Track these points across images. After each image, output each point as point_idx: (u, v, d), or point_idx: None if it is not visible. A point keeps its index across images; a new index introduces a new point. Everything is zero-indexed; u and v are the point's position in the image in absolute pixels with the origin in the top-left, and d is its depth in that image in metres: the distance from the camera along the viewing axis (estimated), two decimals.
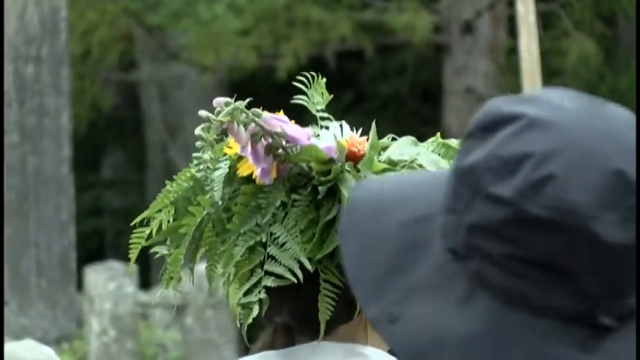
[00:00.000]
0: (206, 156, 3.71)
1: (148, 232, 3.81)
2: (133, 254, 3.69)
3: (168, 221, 3.82)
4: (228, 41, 21.04)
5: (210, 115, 3.59)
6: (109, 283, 14.91)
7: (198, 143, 3.69)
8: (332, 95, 3.93)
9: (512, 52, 13.76)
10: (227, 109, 3.61)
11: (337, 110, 4.20)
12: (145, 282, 8.26)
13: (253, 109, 3.65)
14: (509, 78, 16.31)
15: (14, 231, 16.51)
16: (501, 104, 1.95)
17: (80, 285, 16.30)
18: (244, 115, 3.61)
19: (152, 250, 3.78)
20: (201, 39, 21.99)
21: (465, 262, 1.80)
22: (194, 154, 3.73)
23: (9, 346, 7.64)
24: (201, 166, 3.70)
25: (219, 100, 3.65)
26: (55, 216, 17.29)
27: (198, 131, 3.63)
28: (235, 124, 3.62)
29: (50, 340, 10.82)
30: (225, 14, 22.36)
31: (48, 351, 7.08)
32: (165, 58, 22.56)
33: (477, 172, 1.85)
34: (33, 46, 16.40)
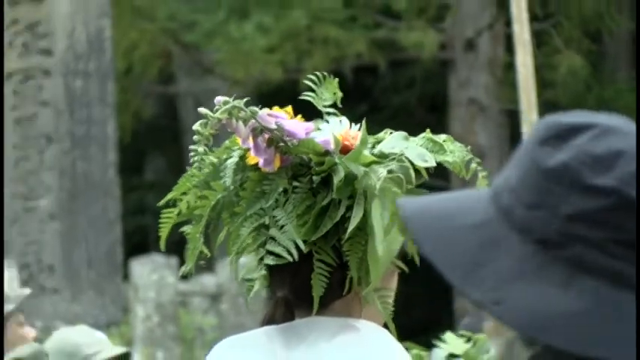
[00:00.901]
0: (201, 149, 3.78)
1: (176, 212, 3.97)
2: (163, 231, 3.92)
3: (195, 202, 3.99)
4: (256, 58, 21.22)
5: (207, 112, 3.74)
6: (152, 274, 15.01)
7: (195, 137, 3.75)
8: (343, 96, 4.04)
9: (510, 66, 13.79)
10: (224, 107, 3.74)
11: (353, 119, 4.07)
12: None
13: (250, 107, 3.78)
14: (507, 90, 16.40)
15: (67, 228, 16.53)
16: (564, 118, 1.99)
17: (126, 276, 16.46)
18: (243, 112, 3.72)
19: (180, 230, 3.97)
20: (232, 56, 21.92)
21: (561, 250, 1.82)
22: (190, 147, 3.81)
23: (65, 331, 8.74)
24: (196, 157, 3.77)
25: (219, 99, 3.78)
26: (103, 215, 17.29)
27: (195, 127, 3.74)
28: (234, 120, 3.73)
29: (100, 325, 10.72)
30: (254, 33, 22.49)
31: (100, 335, 8.27)
32: (200, 73, 22.63)
33: (571, 169, 1.89)
34: (81, 62, 16.37)
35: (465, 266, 1.97)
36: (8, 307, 8.62)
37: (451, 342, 7.14)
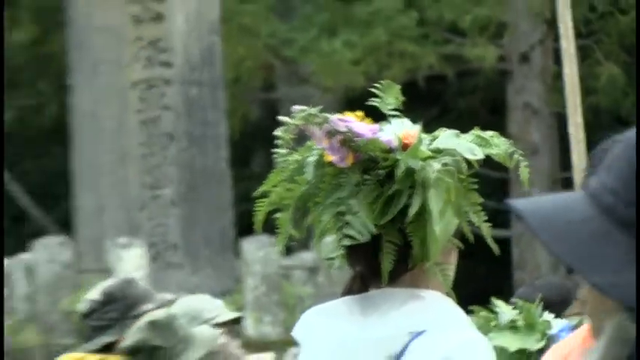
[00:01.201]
0: (283, 151, 4.01)
1: (268, 201, 4.13)
2: (258, 217, 4.06)
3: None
4: (343, 69, 21.53)
5: (286, 119, 3.88)
6: (259, 251, 15.46)
7: (278, 141, 4.03)
8: (417, 100, 4.37)
9: (558, 76, 13.76)
10: (301, 114, 3.89)
11: (425, 121, 4.23)
12: (287, 250, 8.82)
13: (324, 114, 3.94)
14: (556, 95, 16.45)
15: (187, 213, 16.81)
16: None
17: (237, 253, 16.66)
18: (317, 118, 3.85)
19: (274, 216, 4.13)
20: (324, 67, 22.35)
21: None
22: (274, 150, 4.08)
23: (189, 298, 8.52)
24: (280, 159, 3.99)
25: (295, 108, 3.93)
26: (217, 202, 17.63)
27: (277, 132, 3.95)
28: (310, 125, 3.87)
29: (215, 294, 10.64)
30: (341, 49, 22.85)
31: (217, 302, 8.23)
32: (297, 82, 23.12)
33: None
34: (196, 73, 16.76)
35: (580, 254, 1.99)
36: (150, 305, 8.35)
37: (501, 308, 6.60)
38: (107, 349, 7.71)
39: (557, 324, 6.25)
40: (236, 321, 8.81)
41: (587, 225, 1.89)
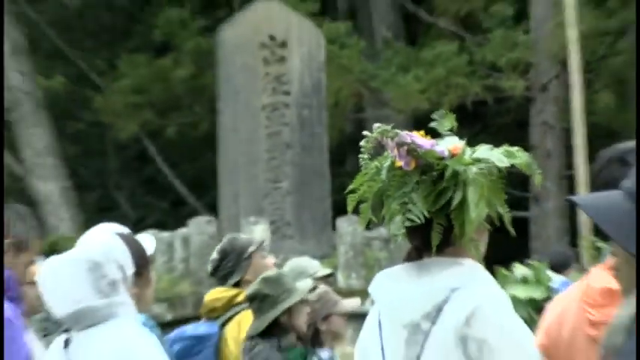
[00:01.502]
0: (365, 156, 4.47)
1: (357, 195, 4.55)
2: (350, 205, 4.52)
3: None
4: (413, 96, 21.90)
5: (368, 134, 4.38)
6: (349, 227, 16.39)
7: (362, 149, 4.50)
8: (465, 119, 4.32)
9: (568, 101, 15.15)
10: (378, 130, 4.36)
11: (471, 135, 4.94)
12: (368, 226, 9.29)
13: (394, 130, 4.40)
14: (566, 115, 16.88)
15: (298, 200, 17.97)
16: None
17: (334, 228, 17.48)
18: (390, 133, 4.33)
19: (360, 205, 4.60)
20: (399, 95, 23.15)
21: None
22: (359, 156, 4.54)
23: (296, 259, 9.43)
24: (363, 163, 4.49)
25: (375, 125, 4.38)
26: (320, 192, 18.59)
27: (362, 143, 4.43)
28: (384, 138, 4.37)
29: (317, 258, 11.33)
30: (412, 81, 23.90)
31: (316, 262, 9.33)
32: (380, 106, 23.24)
33: None
34: (307, 99, 18.15)
35: (622, 232, 2.59)
36: (253, 247, 9.13)
37: (518, 268, 7.45)
38: (237, 285, 8.64)
39: (558, 280, 7.08)
40: (329, 276, 9.66)
41: (627, 213, 2.53)
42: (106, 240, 5.73)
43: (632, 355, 2.66)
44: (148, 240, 6.17)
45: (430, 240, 4.28)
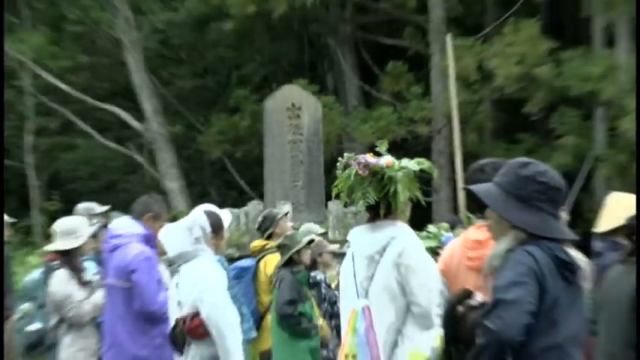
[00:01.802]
0: (339, 172, 5.29)
1: (337, 189, 5.27)
2: (334, 193, 5.25)
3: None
4: (369, 136, 23.96)
5: (340, 159, 5.27)
6: (335, 205, 17.23)
7: (338, 165, 5.33)
8: (392, 150, 5.23)
9: (453, 138, 15.10)
10: (346, 157, 5.25)
11: (398, 157, 5.27)
12: (345, 205, 5.39)
13: (355, 155, 5.23)
14: (451, 146, 17.73)
15: (308, 192, 18.76)
16: (522, 161, 3.96)
17: (326, 206, 18.09)
18: (354, 157, 5.19)
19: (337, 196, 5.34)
20: (361, 135, 24.22)
21: (527, 201, 3.78)
22: (337, 169, 5.29)
23: (306, 224, 9.78)
24: (340, 173, 5.26)
25: (345, 154, 5.27)
26: (318, 188, 19.74)
27: (337, 164, 5.27)
28: (350, 160, 5.20)
29: (317, 223, 11.91)
30: (368, 128, 24.44)
31: (317, 226, 9.69)
32: (351, 141, 25.92)
33: (528, 177, 3.87)
34: (312, 138, 18.99)
35: (499, 206, 3.91)
36: (280, 215, 10.24)
37: (428, 228, 7.83)
38: (269, 237, 9.78)
39: (446, 235, 7.53)
40: (324, 233, 10.54)
41: (497, 194, 3.97)
42: (196, 214, 6.74)
43: (503, 271, 3.90)
44: (226, 213, 7.07)
45: (379, 212, 5.19)
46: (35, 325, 8.72)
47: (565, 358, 3.85)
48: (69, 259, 8.23)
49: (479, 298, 4.06)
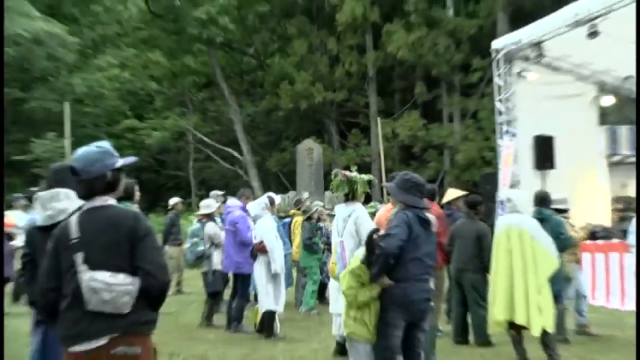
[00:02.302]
0: (332, 178, 6.21)
1: (332, 185, 6.21)
2: (330, 188, 5.98)
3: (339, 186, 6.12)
4: (343, 162, 24.61)
5: (333, 172, 6.15)
6: (330, 193, 17.63)
7: (332, 175, 6.29)
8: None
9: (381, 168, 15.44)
10: (335, 171, 6.16)
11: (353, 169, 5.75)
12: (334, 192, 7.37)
13: (340, 171, 5.99)
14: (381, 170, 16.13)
15: (317, 189, 19.62)
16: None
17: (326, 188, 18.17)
18: (339, 171, 5.93)
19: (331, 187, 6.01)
20: (342, 162, 25.42)
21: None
22: (332, 177, 6.24)
23: (315, 202, 10.39)
24: (333, 178, 6.12)
25: (334, 170, 6.08)
26: (321, 186, 21.01)
27: (331, 176, 6.13)
28: (338, 173, 6.03)
29: (320, 201, 11.80)
30: (344, 159, 25.61)
31: (320, 202, 10.58)
32: (338, 165, 23.23)
33: (407, 179, 4.68)
34: (317, 167, 20.22)
35: (394, 191, 4.62)
36: (304, 197, 10.76)
37: (371, 205, 8.37)
38: (298, 209, 10.70)
39: (379, 207, 8.22)
40: (323, 206, 10.86)
41: (395, 188, 4.81)
42: (264, 197, 8.47)
43: (393, 221, 4.28)
44: (277, 197, 8.18)
45: (349, 197, 6.05)
46: (200, 248, 9.94)
47: (421, 264, 4.64)
48: (209, 217, 9.65)
49: (381, 232, 4.70)
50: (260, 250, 8.28)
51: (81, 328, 2.87)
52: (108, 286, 2.85)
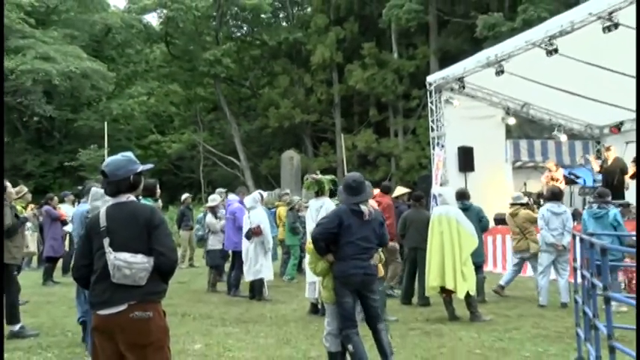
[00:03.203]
0: (306, 180, 5.83)
1: (305, 185, 5.71)
2: (305, 187, 5.29)
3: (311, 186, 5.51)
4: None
5: (306, 177, 5.79)
6: (305, 190, 10.40)
7: (306, 179, 5.84)
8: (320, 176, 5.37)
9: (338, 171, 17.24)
10: (307, 175, 5.70)
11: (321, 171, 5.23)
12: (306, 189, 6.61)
13: (311, 175, 5.40)
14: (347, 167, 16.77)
15: (298, 191, 16.19)
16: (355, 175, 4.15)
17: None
18: (310, 177, 5.36)
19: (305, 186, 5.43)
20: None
21: None
22: (305, 180, 5.74)
23: (293, 197, 10.07)
24: (305, 181, 5.83)
25: (306, 175, 5.64)
26: (299, 188, 16.87)
27: (304, 180, 5.60)
28: (310, 176, 5.58)
29: (299, 197, 11.31)
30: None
31: (297, 197, 10.06)
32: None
33: (347, 181, 4.01)
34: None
35: (340, 192, 4.08)
36: (286, 193, 10.32)
37: (335, 200, 6.08)
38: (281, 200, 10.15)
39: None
40: (300, 200, 10.39)
41: (343, 191, 4.24)
42: (256, 193, 8.20)
43: (329, 213, 4.18)
44: (266, 193, 7.95)
45: (318, 194, 5.69)
46: (200, 233, 10.11)
47: (355, 246, 4.34)
48: (213, 209, 9.45)
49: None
50: (256, 233, 8.07)
51: (107, 296, 2.84)
52: (129, 264, 2.81)
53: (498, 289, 8.32)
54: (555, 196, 7.58)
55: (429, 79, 13.86)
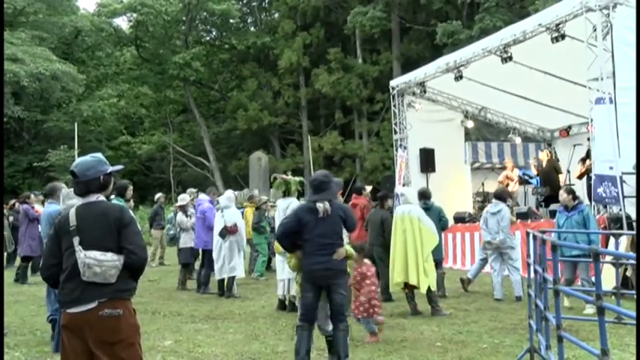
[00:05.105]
0: (273, 179, 5.83)
1: (274, 185, 5.67)
2: (274, 188, 5.31)
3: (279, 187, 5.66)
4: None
5: (275, 176, 5.78)
6: (274, 191, 10.06)
7: (275, 179, 5.80)
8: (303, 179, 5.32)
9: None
10: (274, 175, 5.72)
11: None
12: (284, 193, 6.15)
13: (280, 175, 5.43)
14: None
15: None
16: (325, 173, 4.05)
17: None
18: (279, 177, 5.39)
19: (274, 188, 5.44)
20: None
21: None
22: (274, 180, 5.64)
23: (262, 196, 10.08)
24: (274, 182, 5.71)
25: (273, 175, 5.64)
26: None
27: (271, 180, 5.65)
28: (279, 176, 5.65)
29: (267, 196, 11.26)
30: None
31: (265, 197, 10.13)
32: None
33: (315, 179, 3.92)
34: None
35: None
36: (255, 193, 10.05)
37: (303, 200, 6.22)
38: (251, 202, 9.98)
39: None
40: (268, 199, 10.40)
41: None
42: (230, 192, 8.28)
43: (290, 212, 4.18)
44: (236, 193, 8.02)
45: (285, 194, 5.79)
46: (172, 231, 10.17)
47: (315, 242, 4.31)
48: (182, 208, 9.47)
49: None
50: (231, 231, 8.01)
51: (76, 295, 2.80)
52: (99, 262, 2.78)
53: (466, 280, 8.38)
54: (496, 196, 7.84)
55: (392, 83, 13.97)
